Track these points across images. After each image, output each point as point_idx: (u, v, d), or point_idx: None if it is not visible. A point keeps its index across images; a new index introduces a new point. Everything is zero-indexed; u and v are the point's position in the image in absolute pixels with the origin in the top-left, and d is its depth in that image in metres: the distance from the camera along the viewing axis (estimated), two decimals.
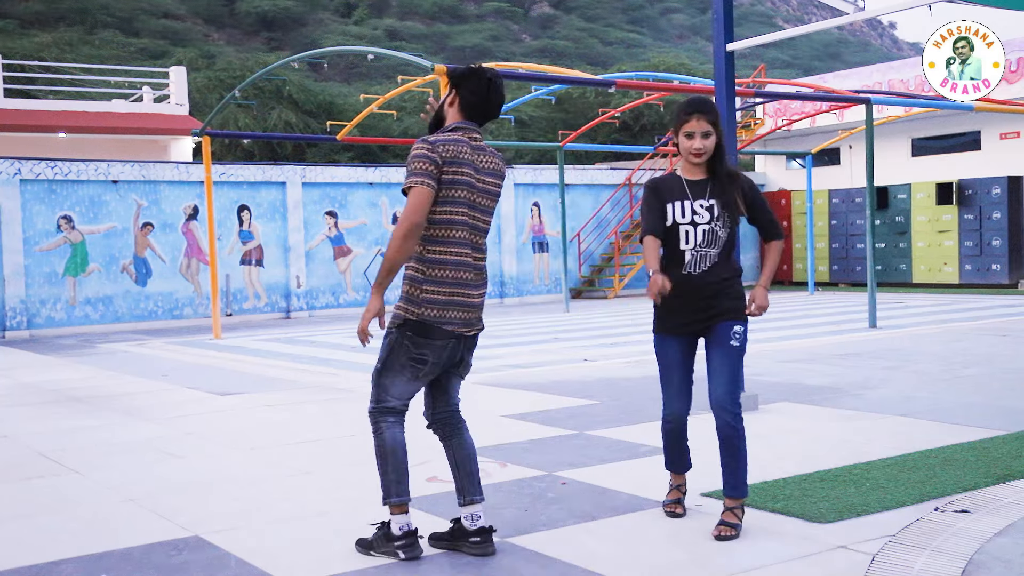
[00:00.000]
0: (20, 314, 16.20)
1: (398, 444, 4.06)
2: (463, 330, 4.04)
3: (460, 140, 3.99)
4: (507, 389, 8.50)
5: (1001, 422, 6.29)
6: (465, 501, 4.10)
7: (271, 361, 11.35)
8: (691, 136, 4.21)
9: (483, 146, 4.08)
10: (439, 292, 3.96)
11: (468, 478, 4.13)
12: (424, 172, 3.86)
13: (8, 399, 9.06)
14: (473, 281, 4.05)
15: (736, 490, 4.20)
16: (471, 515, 4.06)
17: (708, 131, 4.20)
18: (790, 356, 10.07)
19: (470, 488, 4.11)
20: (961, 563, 3.67)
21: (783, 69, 64.64)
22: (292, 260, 18.90)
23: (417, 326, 3.96)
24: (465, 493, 4.11)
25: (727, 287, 4.25)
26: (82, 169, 16.90)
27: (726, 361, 4.19)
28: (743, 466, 4.21)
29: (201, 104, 30.47)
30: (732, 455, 4.20)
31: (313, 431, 6.89)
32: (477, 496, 4.10)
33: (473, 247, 4.04)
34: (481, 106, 4.08)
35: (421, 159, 3.88)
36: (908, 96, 17.42)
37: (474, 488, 4.11)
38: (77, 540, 4.41)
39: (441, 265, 3.96)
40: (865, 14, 7.43)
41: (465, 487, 4.12)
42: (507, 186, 21.35)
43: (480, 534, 4.03)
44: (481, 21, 74.43)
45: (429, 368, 4.03)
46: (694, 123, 4.21)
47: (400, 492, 4.02)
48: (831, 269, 23.05)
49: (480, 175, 4.03)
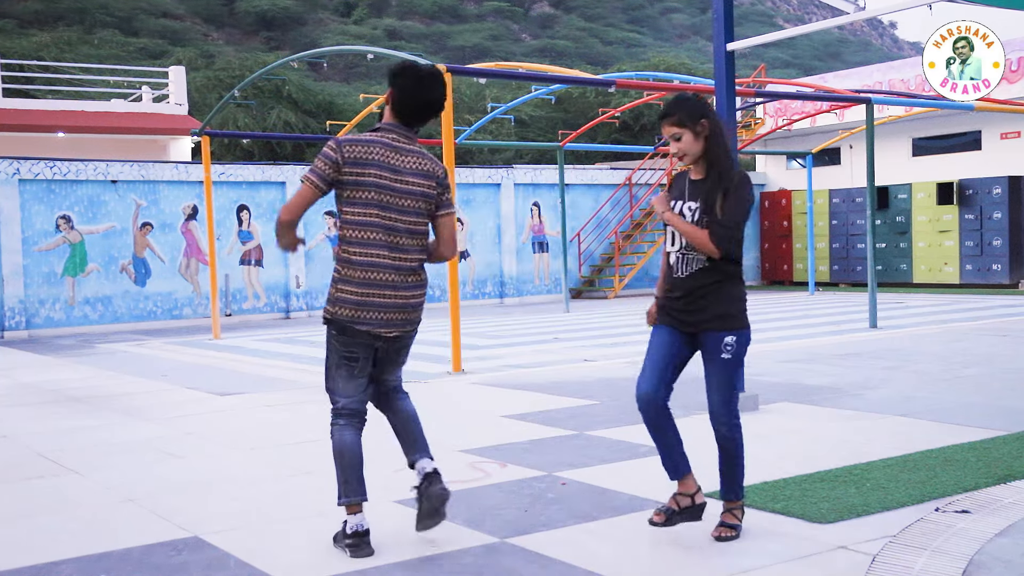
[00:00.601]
0: (19, 314, 16.19)
1: (346, 446, 4.09)
2: (381, 330, 4.05)
3: (373, 141, 4.03)
4: (507, 389, 8.49)
5: (1002, 422, 6.29)
6: (410, 461, 4.19)
7: (270, 361, 11.34)
8: (670, 141, 4.20)
9: (405, 147, 4.08)
10: (352, 292, 4.02)
11: (412, 441, 4.21)
12: (316, 171, 3.99)
13: (7, 399, 9.05)
14: (394, 282, 4.04)
15: (733, 493, 4.19)
16: (420, 469, 4.14)
17: (677, 134, 4.10)
18: (790, 356, 10.07)
19: (412, 448, 4.20)
20: (962, 564, 3.67)
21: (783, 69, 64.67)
22: (291, 260, 18.89)
23: (335, 324, 4.06)
24: (408, 454, 4.21)
25: (715, 290, 4.08)
26: (81, 169, 16.89)
27: (718, 373, 4.11)
28: (740, 472, 4.19)
29: (200, 104, 30.46)
30: (729, 463, 4.18)
31: (313, 431, 6.88)
32: (419, 455, 4.17)
33: (390, 247, 4.04)
34: (412, 104, 4.08)
35: (321, 158, 4.00)
36: (909, 96, 17.42)
37: (419, 448, 4.19)
38: (77, 540, 4.40)
39: (353, 265, 4.03)
40: (865, 14, 7.42)
41: (408, 449, 4.21)
42: (507, 186, 21.36)
43: (427, 478, 4.09)
44: (481, 21, 74.47)
45: (362, 364, 4.09)
46: (665, 128, 4.16)
47: (349, 492, 4.07)
48: (831, 269, 23.04)
49: (400, 175, 4.04)
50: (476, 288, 21.12)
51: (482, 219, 21.22)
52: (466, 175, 20.67)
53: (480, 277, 21.21)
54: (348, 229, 4.02)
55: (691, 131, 4.09)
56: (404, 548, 4.12)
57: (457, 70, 10.43)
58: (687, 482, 4.16)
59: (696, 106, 4.13)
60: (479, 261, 21.18)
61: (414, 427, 4.22)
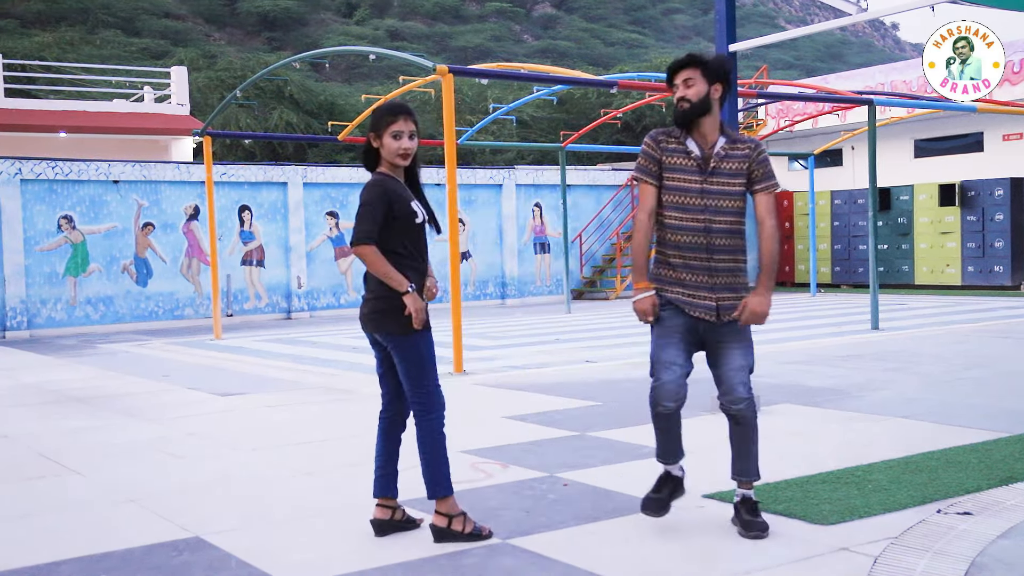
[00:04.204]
0: (20, 314, 16.20)
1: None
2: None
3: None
4: (509, 390, 8.49)
5: (1003, 424, 6.28)
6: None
7: (272, 362, 11.34)
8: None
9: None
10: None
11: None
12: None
13: (9, 399, 9.05)
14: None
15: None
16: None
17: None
18: (792, 358, 10.06)
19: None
20: (963, 565, 3.66)
21: (785, 70, 64.66)
22: (293, 260, 18.90)
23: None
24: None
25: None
26: (83, 169, 16.90)
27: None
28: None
29: (202, 104, 30.48)
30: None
31: (314, 432, 6.88)
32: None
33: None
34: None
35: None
36: (911, 97, 17.42)
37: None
38: (78, 541, 4.40)
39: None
40: (868, 15, 7.42)
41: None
42: (509, 187, 21.37)
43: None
44: (483, 21, 74.45)
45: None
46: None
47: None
48: (833, 270, 23.03)
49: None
50: (477, 289, 21.12)
51: (484, 220, 21.22)
52: (468, 176, 20.67)
53: (481, 278, 21.21)
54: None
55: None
56: (405, 548, 4.12)
57: (459, 71, 10.43)
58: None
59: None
60: (480, 262, 21.18)
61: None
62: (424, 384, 4.17)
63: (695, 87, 4.13)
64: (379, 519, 4.28)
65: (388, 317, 4.14)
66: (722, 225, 4.16)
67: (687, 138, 4.18)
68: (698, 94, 4.12)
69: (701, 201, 4.14)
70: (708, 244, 4.16)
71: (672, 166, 4.18)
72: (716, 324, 4.20)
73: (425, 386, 4.18)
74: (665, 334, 4.23)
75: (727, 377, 4.20)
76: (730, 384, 4.19)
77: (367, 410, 7.65)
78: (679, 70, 4.18)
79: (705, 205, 4.14)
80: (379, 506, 4.30)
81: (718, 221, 4.15)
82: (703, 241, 4.15)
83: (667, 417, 4.26)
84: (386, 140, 4.19)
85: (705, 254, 4.16)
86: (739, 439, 4.26)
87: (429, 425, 4.18)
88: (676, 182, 4.16)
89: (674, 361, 4.19)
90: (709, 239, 4.15)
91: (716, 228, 4.15)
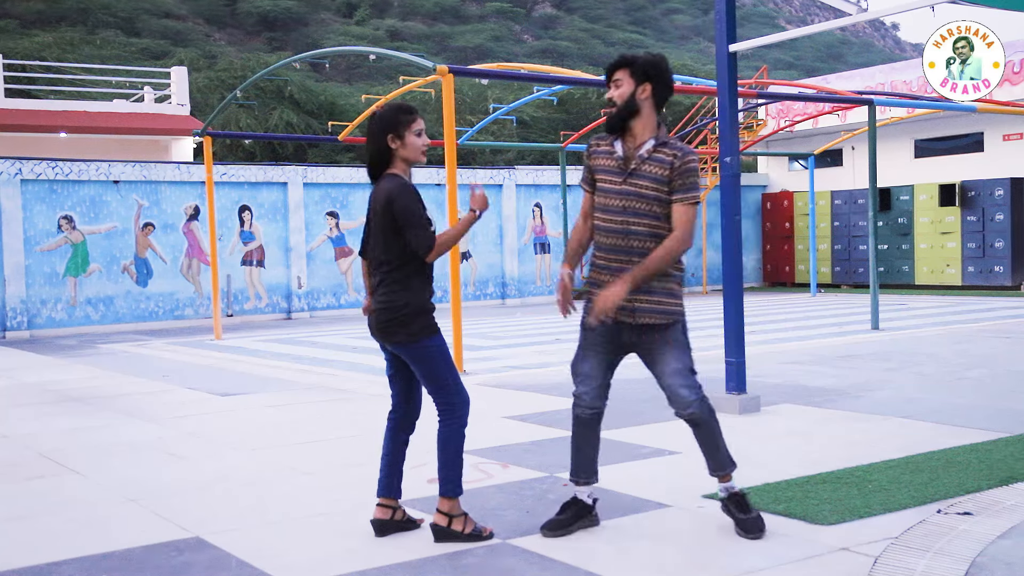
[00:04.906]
0: (20, 314, 16.20)
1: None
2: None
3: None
4: (509, 390, 8.49)
5: (1004, 424, 6.28)
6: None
7: (272, 362, 11.34)
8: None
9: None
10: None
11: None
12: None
13: (9, 399, 9.05)
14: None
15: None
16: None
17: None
18: (792, 358, 10.06)
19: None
20: (964, 566, 3.66)
21: (786, 70, 64.68)
22: (293, 260, 18.90)
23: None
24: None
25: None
26: (83, 169, 16.90)
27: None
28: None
29: (202, 104, 30.48)
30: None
31: (314, 432, 6.88)
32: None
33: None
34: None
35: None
36: (911, 97, 17.39)
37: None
38: (78, 541, 4.40)
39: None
40: (868, 15, 7.41)
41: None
42: (509, 187, 21.36)
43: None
44: (483, 21, 74.45)
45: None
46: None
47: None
48: (833, 270, 23.03)
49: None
50: (478, 289, 21.12)
51: (484, 220, 21.20)
52: (468, 176, 20.67)
53: (482, 278, 21.21)
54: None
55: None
56: (405, 548, 4.13)
57: (459, 71, 10.43)
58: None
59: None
60: (481, 262, 21.18)
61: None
62: (446, 384, 4.19)
63: (622, 88, 4.10)
64: (379, 519, 4.28)
65: (397, 327, 4.16)
66: (641, 228, 4.07)
67: (616, 139, 4.17)
68: (623, 95, 4.09)
69: (620, 202, 4.09)
70: (628, 247, 4.08)
71: (598, 167, 4.19)
72: (639, 329, 4.13)
73: (447, 386, 4.19)
74: (587, 344, 4.24)
75: (666, 385, 4.17)
76: (671, 391, 4.16)
77: (367, 410, 7.67)
78: (612, 71, 4.15)
79: (624, 207, 4.08)
80: (380, 506, 4.30)
81: (636, 223, 4.07)
82: (622, 243, 4.09)
83: (585, 423, 4.33)
84: (409, 139, 4.20)
85: (624, 256, 4.09)
86: (702, 439, 4.24)
87: (456, 423, 4.22)
88: (601, 183, 4.18)
89: (590, 374, 4.23)
90: (628, 241, 4.08)
91: (635, 231, 4.07)
